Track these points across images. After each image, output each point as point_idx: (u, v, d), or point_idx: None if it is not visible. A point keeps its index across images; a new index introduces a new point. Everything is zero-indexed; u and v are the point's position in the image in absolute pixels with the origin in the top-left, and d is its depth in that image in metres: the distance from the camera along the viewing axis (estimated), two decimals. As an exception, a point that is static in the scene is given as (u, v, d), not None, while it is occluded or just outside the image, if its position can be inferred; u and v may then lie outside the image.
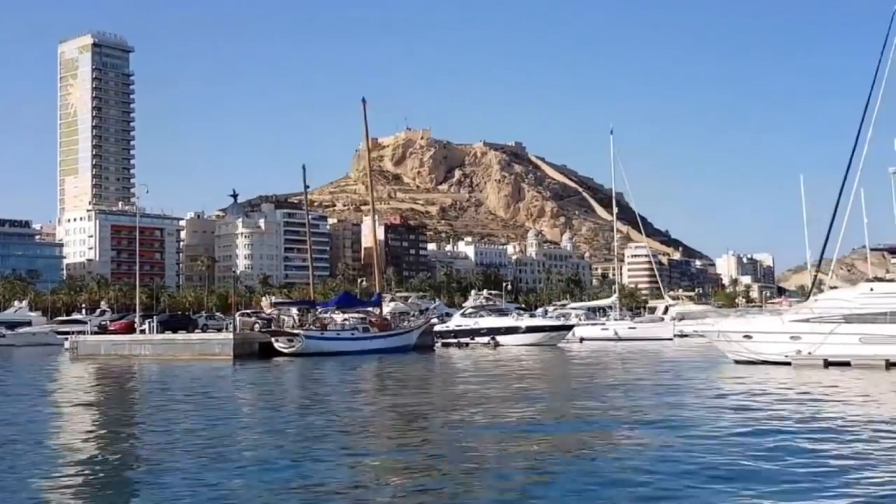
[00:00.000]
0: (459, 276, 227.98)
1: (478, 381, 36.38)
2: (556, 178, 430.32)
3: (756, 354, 38.13)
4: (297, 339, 56.29)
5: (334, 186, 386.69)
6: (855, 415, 21.77)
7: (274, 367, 49.90)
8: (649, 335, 78.87)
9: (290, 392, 34.72)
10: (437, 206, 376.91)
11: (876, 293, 36.43)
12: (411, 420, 23.20)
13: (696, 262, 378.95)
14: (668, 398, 26.48)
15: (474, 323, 72.58)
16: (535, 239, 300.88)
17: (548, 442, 18.64)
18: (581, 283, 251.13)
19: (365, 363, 51.07)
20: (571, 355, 58.36)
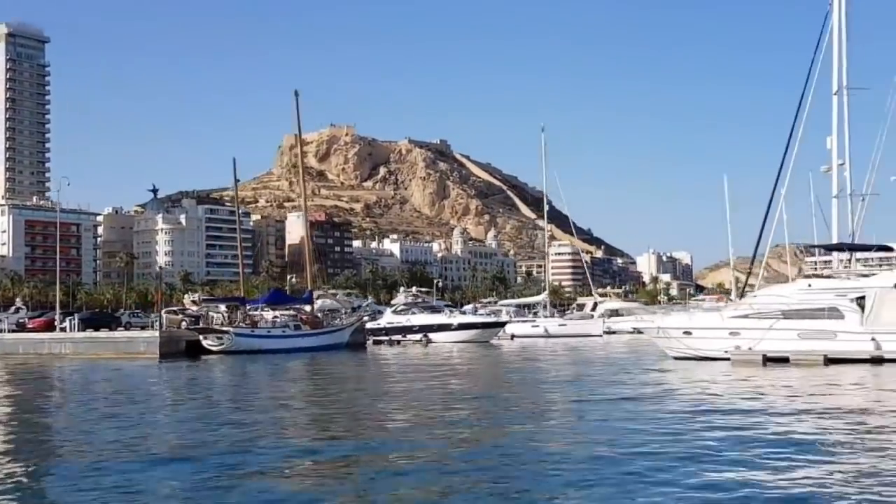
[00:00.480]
0: (385, 273, 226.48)
1: (409, 379, 35.43)
2: (481, 176, 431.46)
3: (696, 350, 37.83)
4: (226, 337, 54.65)
5: (257, 182, 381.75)
6: (760, 408, 21.78)
7: (202, 365, 48.34)
8: (579, 332, 79.07)
9: (216, 391, 33.29)
10: (362, 204, 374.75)
11: (814, 289, 36.50)
12: (333, 418, 22.45)
13: (617, 259, 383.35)
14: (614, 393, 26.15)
15: (406, 320, 71.38)
16: (461, 237, 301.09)
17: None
18: (506, 281, 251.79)
19: (296, 361, 49.86)
20: (506, 352, 57.65)
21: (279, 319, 60.55)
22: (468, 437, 18.18)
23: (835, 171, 41.19)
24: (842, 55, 41.63)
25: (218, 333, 55.01)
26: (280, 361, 49.57)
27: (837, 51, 41.49)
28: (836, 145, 41.30)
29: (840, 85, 41.41)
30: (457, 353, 55.28)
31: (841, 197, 41.26)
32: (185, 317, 60.03)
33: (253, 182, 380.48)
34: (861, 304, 34.77)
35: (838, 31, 41.37)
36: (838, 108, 41.48)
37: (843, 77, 41.64)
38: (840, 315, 34.87)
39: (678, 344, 38.74)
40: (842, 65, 41.60)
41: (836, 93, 41.50)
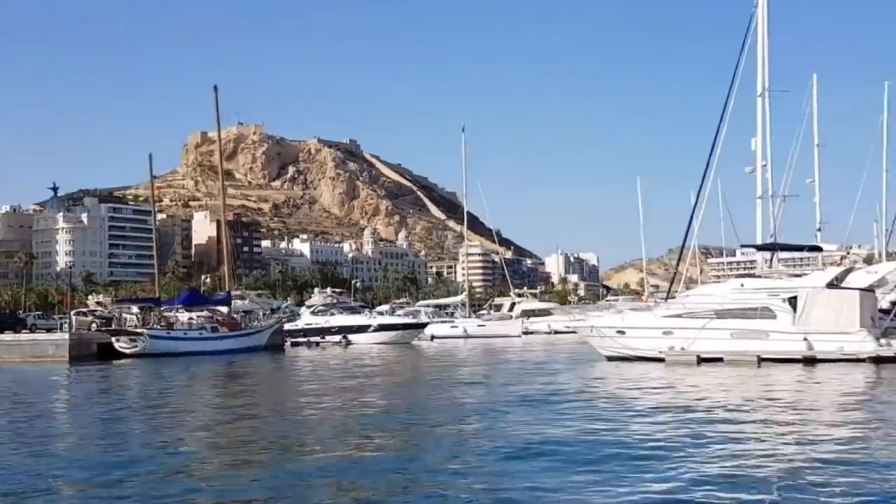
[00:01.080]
0: (295, 273, 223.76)
1: (330, 381, 34.60)
2: (391, 176, 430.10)
3: (629, 350, 37.72)
4: (140, 339, 52.80)
5: (161, 181, 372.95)
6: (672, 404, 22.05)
7: (114, 368, 46.58)
8: (498, 332, 78.95)
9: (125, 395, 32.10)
10: (270, 203, 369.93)
11: (746, 289, 36.71)
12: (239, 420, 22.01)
13: (527, 261, 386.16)
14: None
15: (325, 321, 70.16)
16: (372, 237, 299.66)
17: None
18: (417, 282, 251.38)
19: (213, 364, 48.46)
20: (428, 354, 56.86)
21: (195, 321, 58.74)
22: (380, 446, 17.34)
23: (759, 173, 41.51)
24: (765, 57, 41.97)
25: (131, 336, 53.12)
26: (196, 364, 48.12)
27: (762, 53, 41.79)
28: (761, 147, 41.62)
29: (764, 87, 41.73)
30: (379, 355, 54.43)
31: (765, 198, 41.56)
32: (96, 318, 57.81)
33: (157, 181, 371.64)
34: (793, 304, 34.98)
35: (763, 34, 41.64)
36: (762, 110, 41.82)
37: (765, 79, 41.99)
38: (772, 315, 35.02)
39: (612, 343, 38.55)
40: (765, 67, 41.95)
41: (760, 94, 41.84)
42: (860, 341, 33.53)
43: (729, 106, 42.69)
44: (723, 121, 42.86)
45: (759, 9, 41.67)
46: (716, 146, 43.18)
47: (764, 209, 41.26)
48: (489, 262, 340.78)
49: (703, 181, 43.52)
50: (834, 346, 33.48)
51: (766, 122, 42.09)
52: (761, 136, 41.74)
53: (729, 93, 42.52)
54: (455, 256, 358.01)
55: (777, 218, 41.85)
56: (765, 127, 41.93)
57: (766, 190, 41.50)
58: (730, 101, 42.64)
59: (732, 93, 42.46)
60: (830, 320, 33.75)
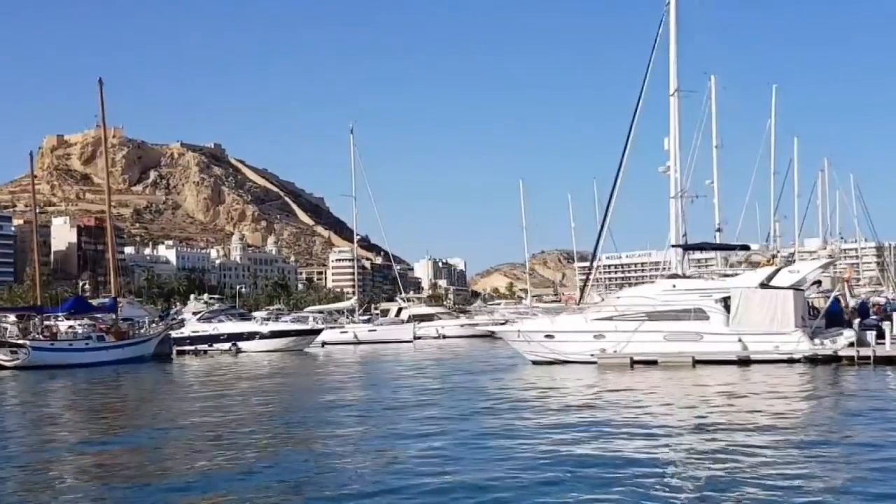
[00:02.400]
0: (161, 280, 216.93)
1: (221, 391, 32.97)
2: (258, 181, 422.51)
3: (559, 354, 37.03)
4: (22, 351, 49.26)
5: (14, 185, 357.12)
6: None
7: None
8: (390, 337, 77.66)
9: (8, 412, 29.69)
10: (131, 209, 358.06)
11: (678, 290, 36.27)
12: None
13: (396, 266, 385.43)
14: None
15: (213, 328, 67.22)
16: (240, 243, 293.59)
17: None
18: (288, 288, 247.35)
19: (101, 376, 45.70)
20: (325, 361, 55.12)
21: (80, 330, 55.34)
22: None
23: (673, 172, 41.53)
24: (677, 57, 42.12)
25: (12, 347, 49.49)
26: (82, 377, 45.28)
27: (675, 53, 41.91)
28: (675, 146, 41.70)
29: (676, 87, 41.86)
30: (273, 363, 52.50)
31: (677, 198, 41.66)
32: (-31, 329, 53.87)
33: (10, 185, 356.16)
34: (726, 305, 34.89)
35: (673, 35, 41.71)
36: (675, 110, 41.93)
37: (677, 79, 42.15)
38: (705, 316, 34.89)
39: (539, 348, 37.76)
40: (677, 67, 42.11)
41: (673, 94, 41.93)
42: (795, 341, 33.65)
43: (639, 108, 42.79)
44: (634, 122, 42.92)
45: (670, 8, 41.73)
46: (627, 148, 43.19)
47: (677, 209, 41.30)
48: (359, 268, 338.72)
49: (615, 184, 43.45)
50: (769, 346, 33.55)
51: (677, 122, 42.26)
52: (674, 135, 41.82)
53: (640, 94, 42.60)
54: (324, 262, 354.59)
55: (686, 218, 42.03)
56: (677, 127, 42.07)
57: (677, 190, 41.61)
58: (640, 103, 42.72)
59: (643, 94, 42.55)
60: (765, 320, 33.77)
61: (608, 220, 44.13)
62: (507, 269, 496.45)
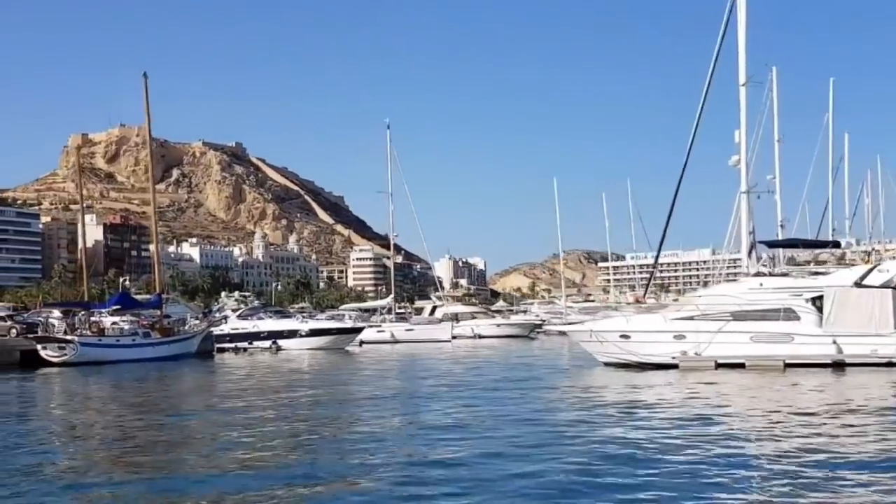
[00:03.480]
0: (185, 278, 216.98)
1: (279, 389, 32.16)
2: (278, 180, 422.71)
3: (635, 356, 35.42)
4: (69, 347, 48.51)
5: (40, 184, 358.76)
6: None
7: (39, 379, 42.61)
8: (427, 337, 76.66)
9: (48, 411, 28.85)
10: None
11: (766, 288, 34.47)
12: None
13: (416, 265, 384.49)
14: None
15: (253, 326, 66.47)
16: (262, 241, 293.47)
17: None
18: (310, 286, 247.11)
19: (148, 372, 45.01)
20: (371, 360, 53.91)
21: (126, 326, 54.59)
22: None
23: (743, 166, 40.13)
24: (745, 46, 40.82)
25: (60, 342, 48.74)
26: (129, 373, 44.64)
27: (745, 42, 40.56)
28: (745, 139, 40.37)
29: (748, 77, 40.56)
30: (318, 361, 51.57)
31: (749, 193, 40.38)
32: (15, 324, 53.14)
33: (36, 183, 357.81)
34: (817, 305, 33.48)
35: (745, 22, 40.30)
36: (745, 101, 40.60)
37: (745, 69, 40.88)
38: (796, 316, 33.34)
39: (613, 349, 36.13)
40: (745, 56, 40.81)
41: (744, 84, 40.57)
42: (895, 344, 32.06)
43: (706, 101, 41.51)
44: (700, 115, 41.64)
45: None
46: (693, 141, 41.95)
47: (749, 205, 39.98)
48: (380, 267, 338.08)
49: (680, 180, 42.10)
50: (866, 349, 31.97)
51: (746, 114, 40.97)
52: (744, 128, 40.51)
53: (707, 86, 41.21)
54: (343, 261, 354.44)
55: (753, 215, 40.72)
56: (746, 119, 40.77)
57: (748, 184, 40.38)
58: (707, 97, 41.43)
59: (710, 86, 41.20)
60: (862, 321, 32.24)
61: (672, 217, 42.74)
62: (526, 268, 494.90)
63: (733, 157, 40.61)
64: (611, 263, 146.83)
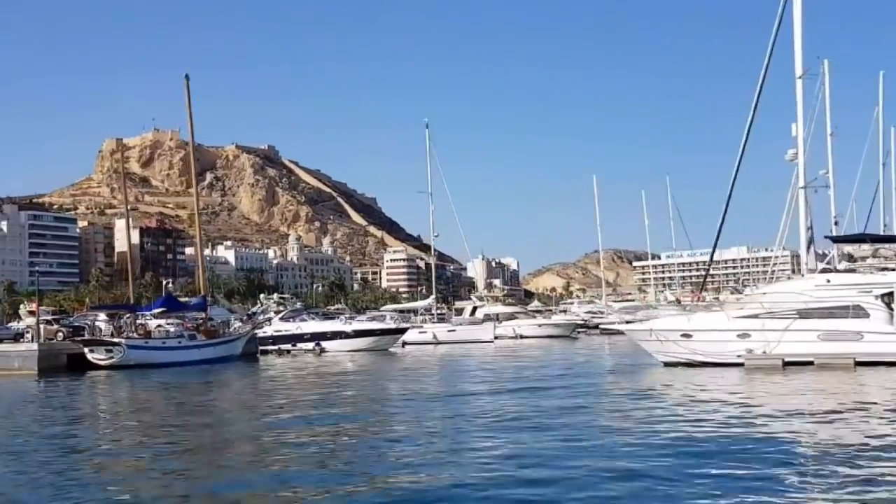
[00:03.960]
0: (221, 281, 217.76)
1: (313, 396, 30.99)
2: (311, 182, 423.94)
3: (697, 355, 34.47)
4: (116, 350, 48.34)
5: (75, 189, 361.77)
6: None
7: (88, 382, 42.39)
8: (470, 337, 76.11)
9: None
10: (188, 210, 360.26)
11: (834, 285, 33.45)
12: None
13: (449, 265, 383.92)
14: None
15: (296, 328, 66.10)
16: (297, 243, 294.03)
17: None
18: (345, 288, 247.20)
19: (196, 375, 44.68)
20: (417, 361, 53.24)
21: (172, 329, 54.36)
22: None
23: (801, 161, 39.15)
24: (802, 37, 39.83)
25: (107, 345, 48.55)
26: (178, 376, 44.33)
27: (801, 34, 39.59)
28: (802, 132, 39.38)
29: (804, 69, 39.57)
30: (363, 363, 51.01)
31: (809, 187, 39.40)
32: (62, 327, 53.07)
33: (71, 188, 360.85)
34: (886, 301, 32.49)
35: (801, 14, 39.32)
36: (802, 94, 39.61)
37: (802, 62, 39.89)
38: (865, 314, 32.32)
39: (674, 348, 35.15)
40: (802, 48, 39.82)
41: (801, 77, 39.57)
42: None
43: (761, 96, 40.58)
44: (756, 109, 40.71)
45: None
46: (748, 136, 41.03)
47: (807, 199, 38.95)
48: (414, 268, 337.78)
49: (736, 176, 41.12)
50: None
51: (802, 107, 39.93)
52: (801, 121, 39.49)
53: (762, 80, 40.31)
54: (376, 262, 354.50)
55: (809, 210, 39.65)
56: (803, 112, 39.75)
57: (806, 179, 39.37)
58: (762, 89, 40.47)
59: (765, 80, 40.29)
60: None
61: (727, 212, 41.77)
62: (559, 268, 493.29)
63: (790, 150, 39.70)
64: (650, 262, 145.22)
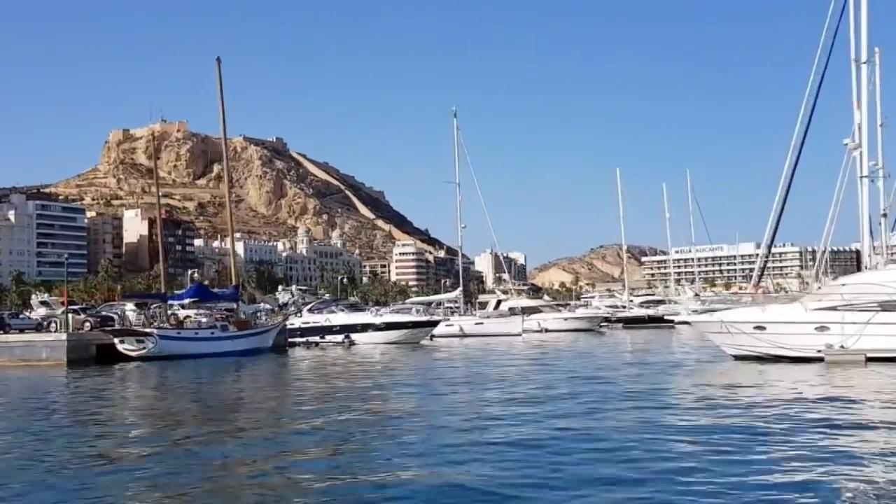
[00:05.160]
0: (228, 272, 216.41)
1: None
2: (319, 175, 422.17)
3: (772, 348, 32.59)
4: (149, 340, 46.53)
5: (81, 179, 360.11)
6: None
7: (120, 373, 40.66)
8: (497, 331, 74.41)
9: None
10: (196, 202, 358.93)
11: None
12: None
13: (457, 259, 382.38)
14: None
15: (325, 320, 64.19)
16: (306, 236, 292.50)
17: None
18: (355, 281, 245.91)
19: (230, 368, 42.97)
20: (452, 354, 51.33)
21: (203, 319, 52.61)
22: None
23: (865, 149, 37.24)
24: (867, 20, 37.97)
25: (139, 336, 46.74)
26: (210, 369, 42.54)
27: (866, 15, 37.70)
28: (867, 119, 37.54)
29: (868, 55, 37.75)
30: (394, 356, 49.20)
31: (872, 177, 37.56)
32: (89, 317, 51.30)
33: (77, 179, 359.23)
34: None
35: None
36: (865, 81, 37.79)
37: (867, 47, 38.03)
38: None
39: (747, 340, 33.23)
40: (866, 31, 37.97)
41: (865, 62, 37.75)
42: None
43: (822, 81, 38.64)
44: (817, 97, 38.77)
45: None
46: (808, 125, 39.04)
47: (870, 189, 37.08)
48: (423, 262, 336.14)
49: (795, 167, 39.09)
50: None
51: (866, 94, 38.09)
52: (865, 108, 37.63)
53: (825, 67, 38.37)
54: (384, 256, 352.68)
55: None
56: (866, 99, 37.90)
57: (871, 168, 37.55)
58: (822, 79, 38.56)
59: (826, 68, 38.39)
60: None
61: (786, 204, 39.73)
62: (565, 263, 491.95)
63: (847, 139, 37.88)
64: (672, 256, 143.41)
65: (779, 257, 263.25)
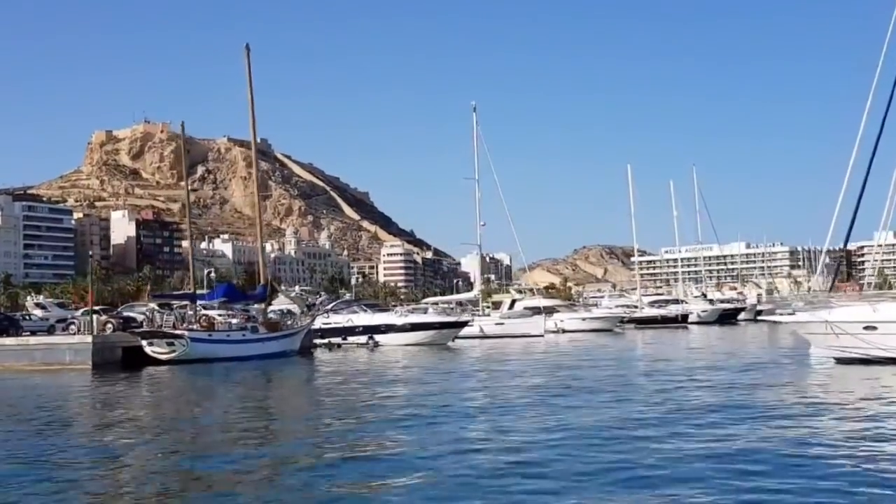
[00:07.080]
0: (220, 274, 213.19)
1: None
2: (304, 176, 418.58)
3: (885, 350, 29.84)
4: (179, 343, 43.80)
5: (64, 181, 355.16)
6: None
7: (148, 378, 38.04)
8: (518, 331, 72.26)
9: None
10: (180, 204, 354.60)
11: None
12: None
13: (444, 261, 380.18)
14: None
15: (347, 320, 61.75)
16: (294, 237, 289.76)
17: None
18: (345, 282, 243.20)
19: (263, 371, 40.60)
20: (489, 357, 48.89)
21: (233, 321, 50.01)
22: None
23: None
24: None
25: (169, 338, 44.01)
26: (238, 372, 40.22)
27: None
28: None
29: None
30: (419, 358, 46.81)
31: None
32: (111, 318, 48.47)
33: (60, 180, 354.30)
34: None
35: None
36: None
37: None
38: None
39: (854, 342, 30.59)
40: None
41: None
42: None
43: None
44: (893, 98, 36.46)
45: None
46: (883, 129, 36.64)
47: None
48: (411, 263, 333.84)
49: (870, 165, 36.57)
50: None
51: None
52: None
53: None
54: (370, 257, 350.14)
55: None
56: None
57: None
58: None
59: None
60: None
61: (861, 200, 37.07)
62: (548, 264, 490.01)
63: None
64: (680, 255, 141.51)
65: (769, 257, 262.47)
